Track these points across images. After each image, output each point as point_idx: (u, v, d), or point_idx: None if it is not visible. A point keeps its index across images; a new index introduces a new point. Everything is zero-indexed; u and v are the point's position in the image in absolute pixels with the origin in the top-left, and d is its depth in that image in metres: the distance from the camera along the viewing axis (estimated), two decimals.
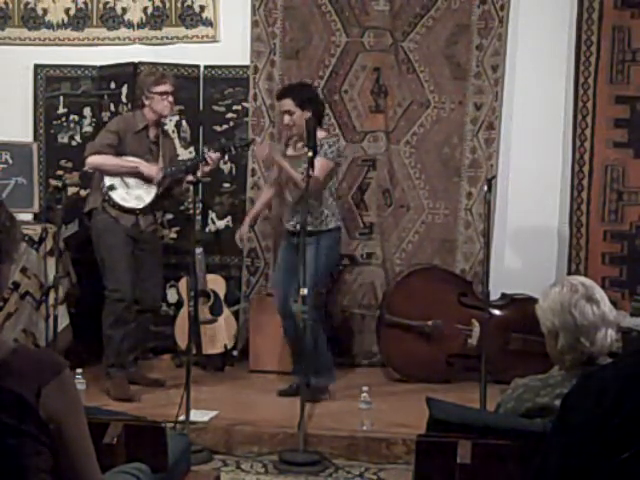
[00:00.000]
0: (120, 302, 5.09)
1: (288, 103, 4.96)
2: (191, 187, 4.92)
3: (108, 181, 5.08)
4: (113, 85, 5.87)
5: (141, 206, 5.14)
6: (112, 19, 6.00)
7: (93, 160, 5.08)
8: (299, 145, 5.05)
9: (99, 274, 5.24)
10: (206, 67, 5.91)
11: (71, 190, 5.77)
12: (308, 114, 4.87)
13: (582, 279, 2.67)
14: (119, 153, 5.09)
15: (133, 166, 5.08)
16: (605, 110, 5.62)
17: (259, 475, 4.23)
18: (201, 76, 5.91)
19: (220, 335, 5.64)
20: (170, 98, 5.11)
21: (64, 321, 5.27)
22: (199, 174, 5.00)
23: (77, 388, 1.98)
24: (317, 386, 4.92)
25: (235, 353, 5.80)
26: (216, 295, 5.65)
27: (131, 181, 5.12)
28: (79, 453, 1.88)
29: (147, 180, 5.13)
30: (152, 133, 5.18)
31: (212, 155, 5.12)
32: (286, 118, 5.00)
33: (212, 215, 5.98)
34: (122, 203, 5.09)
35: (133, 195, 5.13)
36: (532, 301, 3.50)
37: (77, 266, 5.58)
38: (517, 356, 5.19)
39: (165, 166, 5.16)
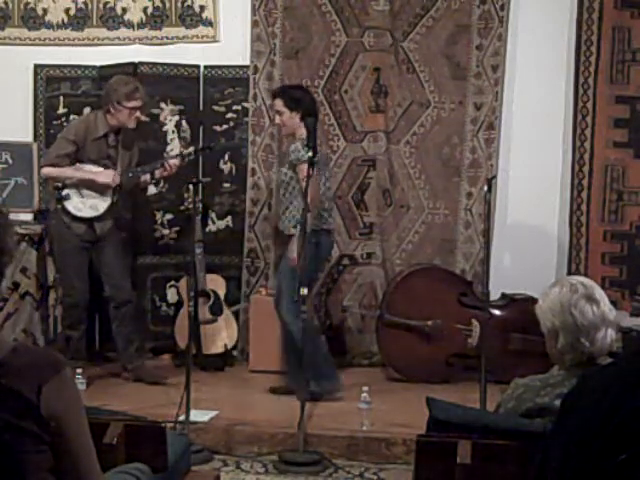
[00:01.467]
0: (74, 307, 5.15)
1: (278, 104, 5.00)
2: (191, 187, 4.93)
3: (63, 191, 5.08)
4: None
5: (95, 215, 5.13)
6: (112, 19, 6.00)
7: (48, 172, 5.11)
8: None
9: (98, 274, 5.25)
10: (206, 67, 5.91)
11: None
12: (297, 115, 4.90)
13: (582, 279, 2.67)
14: (77, 159, 5.09)
15: (88, 179, 5.07)
16: (605, 110, 5.62)
17: (259, 475, 4.23)
18: (201, 76, 5.91)
19: (220, 335, 5.64)
20: (137, 113, 5.09)
21: None
22: (157, 177, 5.19)
23: (77, 387, 1.98)
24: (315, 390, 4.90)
25: (235, 353, 5.81)
26: (216, 295, 5.65)
27: (86, 191, 5.11)
28: (80, 451, 1.88)
29: (103, 189, 5.12)
30: (111, 139, 5.15)
31: (171, 162, 5.21)
32: (277, 118, 5.06)
33: (212, 215, 5.98)
34: (75, 212, 5.09)
35: (88, 204, 5.12)
36: (532, 301, 3.50)
37: None
38: (517, 356, 5.19)
39: (122, 172, 5.16)
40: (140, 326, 5.52)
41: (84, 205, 5.11)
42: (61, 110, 5.99)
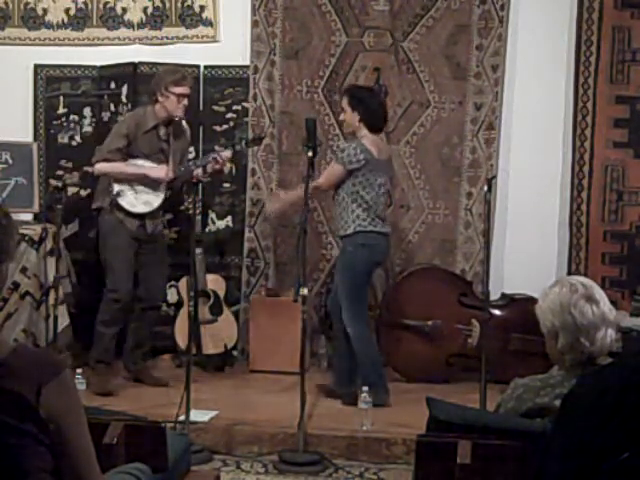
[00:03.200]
0: (116, 302, 5.13)
1: (344, 101, 5.07)
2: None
3: (116, 187, 5.08)
4: (113, 85, 5.87)
5: (149, 210, 5.15)
6: (112, 19, 6.00)
7: (100, 168, 5.11)
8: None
9: (99, 274, 5.26)
10: (206, 67, 5.91)
11: (71, 190, 5.77)
12: (357, 116, 4.93)
13: (582, 279, 2.67)
14: (129, 154, 5.09)
15: (141, 174, 5.08)
16: (605, 110, 5.62)
17: (259, 475, 4.23)
18: (201, 76, 5.91)
19: (220, 335, 5.64)
20: (185, 101, 5.11)
21: (64, 321, 5.27)
22: (208, 171, 5.10)
23: (77, 388, 1.98)
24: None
25: (235, 353, 5.81)
26: (216, 295, 5.65)
27: (139, 186, 5.12)
28: (79, 453, 1.88)
29: (156, 184, 5.12)
30: (163, 131, 5.16)
31: (223, 154, 5.19)
32: (341, 115, 5.14)
33: (212, 215, 5.98)
34: (130, 209, 5.11)
35: (141, 200, 5.13)
36: (532, 301, 3.51)
37: (77, 266, 5.58)
38: (517, 356, 5.20)
39: (175, 166, 5.16)
40: (153, 332, 5.51)
41: (137, 201, 5.12)
42: (61, 110, 5.99)
